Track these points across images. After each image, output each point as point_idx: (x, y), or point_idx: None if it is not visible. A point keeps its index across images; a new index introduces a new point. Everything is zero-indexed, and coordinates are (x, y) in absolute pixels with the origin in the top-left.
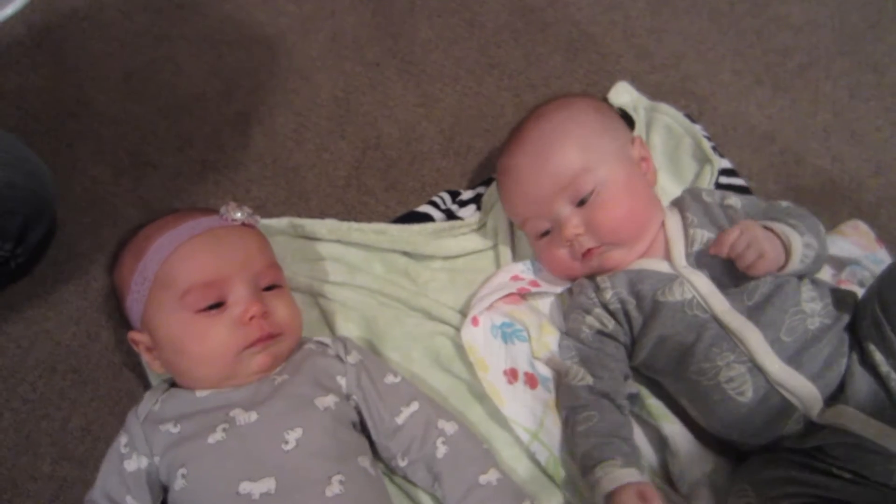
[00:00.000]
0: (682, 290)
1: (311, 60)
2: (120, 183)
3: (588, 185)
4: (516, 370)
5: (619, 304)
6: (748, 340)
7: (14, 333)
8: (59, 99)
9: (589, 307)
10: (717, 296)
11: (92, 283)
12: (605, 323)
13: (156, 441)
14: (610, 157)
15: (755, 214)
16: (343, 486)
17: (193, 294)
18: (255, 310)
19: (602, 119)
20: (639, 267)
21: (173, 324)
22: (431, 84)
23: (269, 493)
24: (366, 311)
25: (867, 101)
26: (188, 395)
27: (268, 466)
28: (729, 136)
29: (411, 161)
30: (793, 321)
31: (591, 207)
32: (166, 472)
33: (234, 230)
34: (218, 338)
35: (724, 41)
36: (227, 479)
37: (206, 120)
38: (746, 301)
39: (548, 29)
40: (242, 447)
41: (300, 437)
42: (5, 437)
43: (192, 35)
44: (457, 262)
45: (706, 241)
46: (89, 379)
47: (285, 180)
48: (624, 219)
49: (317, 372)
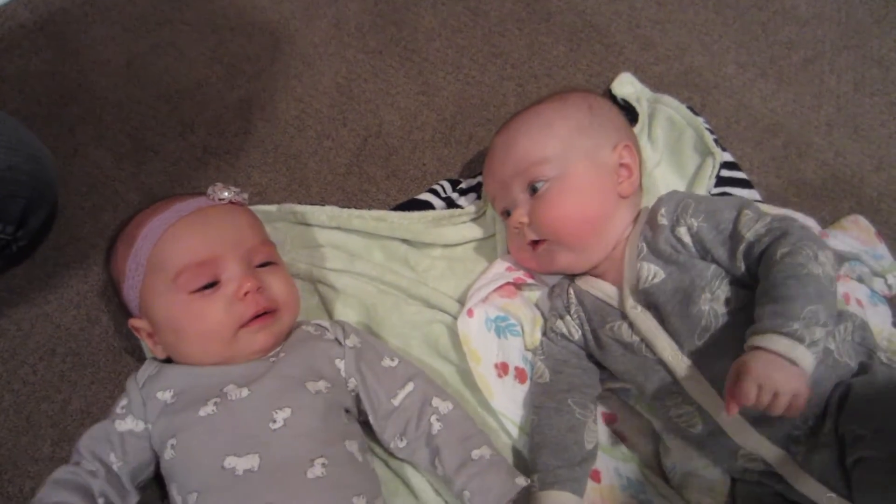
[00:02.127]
0: (630, 332)
1: (314, 47)
2: (121, 167)
3: (540, 174)
4: (507, 364)
5: (579, 322)
6: (692, 390)
7: (15, 316)
8: (61, 83)
9: (562, 312)
10: (662, 339)
11: (92, 268)
12: (572, 333)
13: (151, 407)
14: (576, 155)
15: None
16: (325, 468)
17: (186, 275)
18: (248, 285)
19: (589, 118)
20: (593, 292)
21: (169, 306)
22: (434, 72)
23: (252, 469)
24: (365, 298)
25: (871, 96)
26: (186, 367)
27: (254, 443)
28: (732, 128)
29: (412, 149)
30: None
31: (537, 199)
32: (158, 440)
33: (223, 209)
34: (215, 316)
35: (728, 33)
36: (213, 453)
37: (208, 105)
38: (697, 342)
39: (552, 18)
40: (231, 422)
41: (288, 418)
42: (6, 418)
43: (194, 20)
44: (456, 250)
45: (654, 277)
46: (89, 362)
47: (286, 167)
48: (564, 218)
49: (314, 356)
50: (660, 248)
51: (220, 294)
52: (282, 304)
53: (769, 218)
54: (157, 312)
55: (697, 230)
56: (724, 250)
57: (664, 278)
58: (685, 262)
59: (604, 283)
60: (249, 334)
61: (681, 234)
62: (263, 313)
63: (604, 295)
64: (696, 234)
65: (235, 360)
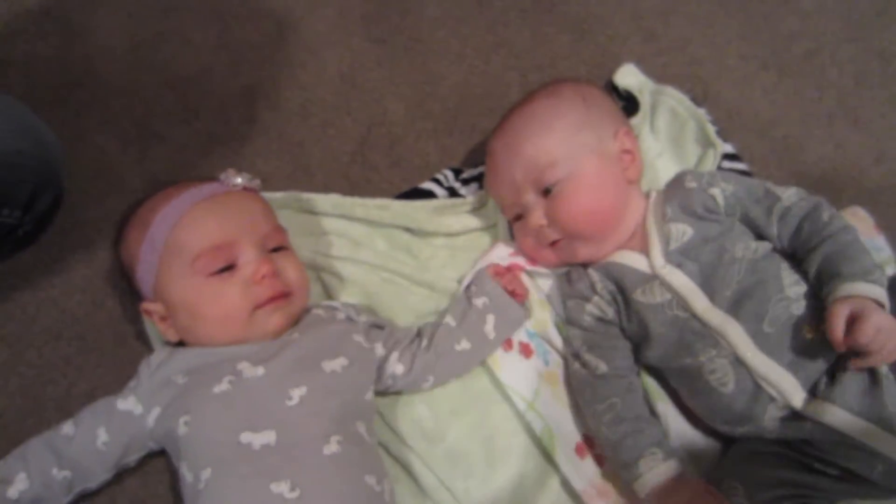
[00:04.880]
0: (662, 290)
1: (318, 35)
2: (126, 153)
3: (552, 177)
4: (511, 340)
5: (611, 295)
6: (729, 335)
7: (21, 300)
8: (67, 68)
9: (588, 295)
10: (696, 294)
11: (98, 252)
12: (605, 310)
13: (163, 393)
14: (583, 151)
15: (747, 202)
16: (341, 446)
17: (204, 258)
18: (265, 269)
19: (586, 111)
20: (620, 261)
21: (187, 289)
22: (437, 62)
23: (268, 444)
24: (369, 286)
25: (872, 89)
26: (198, 349)
27: (270, 419)
28: (733, 120)
29: (416, 138)
30: (776, 309)
31: (553, 199)
32: (170, 420)
33: (238, 195)
34: (232, 298)
35: (731, 25)
36: (228, 428)
37: (213, 93)
38: (727, 294)
39: (556, 9)
40: (247, 399)
41: (304, 395)
42: (11, 401)
43: (200, 7)
44: (458, 239)
45: (684, 236)
46: (94, 346)
47: (290, 155)
48: (583, 214)
49: (328, 335)
50: (692, 208)
51: (238, 277)
52: (295, 287)
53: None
54: (173, 295)
55: (733, 192)
56: (760, 208)
57: (693, 234)
58: (716, 219)
59: (629, 252)
60: (265, 315)
61: (714, 194)
62: (278, 296)
63: (631, 262)
64: (730, 195)
65: (249, 340)
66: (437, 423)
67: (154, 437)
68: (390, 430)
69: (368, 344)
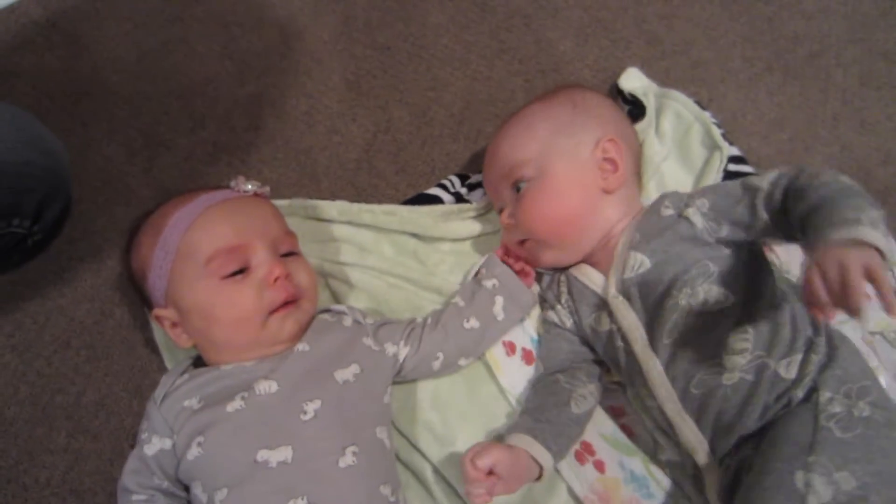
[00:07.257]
0: (609, 320)
1: (323, 43)
2: (133, 162)
3: (521, 174)
4: (514, 344)
5: (570, 311)
6: (655, 388)
7: (30, 309)
8: (74, 79)
9: (553, 302)
10: (638, 331)
11: (106, 261)
12: (564, 321)
13: (178, 420)
14: (556, 154)
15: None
16: (356, 457)
17: (218, 260)
18: (279, 271)
19: (572, 116)
20: (581, 278)
21: (200, 292)
22: (442, 68)
23: (285, 461)
24: (376, 292)
25: (877, 90)
26: (209, 370)
27: (286, 435)
28: (738, 122)
29: (422, 145)
30: (706, 375)
31: (520, 198)
32: (184, 442)
33: (249, 200)
34: (246, 301)
35: (735, 28)
36: (244, 447)
37: (219, 101)
38: (666, 339)
39: (559, 14)
40: (261, 416)
41: (319, 409)
42: (21, 410)
43: (205, 16)
44: (465, 244)
45: (640, 267)
46: (103, 355)
47: (296, 162)
48: (542, 216)
49: (338, 341)
50: (661, 237)
51: (251, 279)
52: (306, 292)
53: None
54: (186, 298)
55: (710, 206)
56: (742, 207)
57: (649, 268)
58: (677, 255)
59: (594, 271)
60: (278, 322)
61: (689, 215)
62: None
63: (590, 282)
64: (708, 210)
65: (261, 350)
66: (446, 428)
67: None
68: (400, 435)
69: (378, 346)
